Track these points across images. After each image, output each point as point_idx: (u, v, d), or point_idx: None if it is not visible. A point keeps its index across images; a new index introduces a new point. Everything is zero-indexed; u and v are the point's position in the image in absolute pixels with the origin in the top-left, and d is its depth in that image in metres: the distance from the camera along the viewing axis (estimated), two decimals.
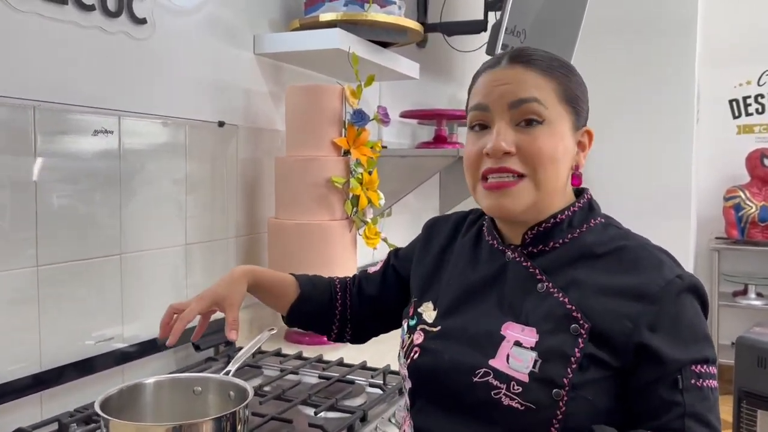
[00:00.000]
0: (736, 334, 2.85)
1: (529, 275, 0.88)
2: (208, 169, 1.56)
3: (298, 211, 1.60)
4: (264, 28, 1.75)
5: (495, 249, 0.93)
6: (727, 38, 4.06)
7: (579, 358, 0.79)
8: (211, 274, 1.58)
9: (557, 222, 0.89)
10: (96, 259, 1.27)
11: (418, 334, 0.92)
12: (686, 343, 0.80)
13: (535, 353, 0.81)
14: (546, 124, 0.85)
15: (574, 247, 0.88)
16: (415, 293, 1.00)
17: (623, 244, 0.86)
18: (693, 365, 0.79)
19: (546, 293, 0.85)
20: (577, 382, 0.79)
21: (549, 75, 0.87)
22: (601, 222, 0.91)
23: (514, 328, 0.84)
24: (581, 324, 0.81)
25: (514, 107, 0.85)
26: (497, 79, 0.87)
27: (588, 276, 0.84)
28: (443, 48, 2.73)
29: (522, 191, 0.85)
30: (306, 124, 1.62)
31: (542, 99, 0.85)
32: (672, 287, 0.81)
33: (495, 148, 0.84)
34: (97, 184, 1.27)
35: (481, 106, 0.88)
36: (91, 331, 1.27)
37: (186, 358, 1.51)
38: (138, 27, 1.34)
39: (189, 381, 0.98)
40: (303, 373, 1.39)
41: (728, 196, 3.98)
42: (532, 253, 0.89)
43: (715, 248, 3.94)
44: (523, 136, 0.85)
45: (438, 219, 1.09)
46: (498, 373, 0.81)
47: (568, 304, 0.82)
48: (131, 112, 1.34)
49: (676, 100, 3.61)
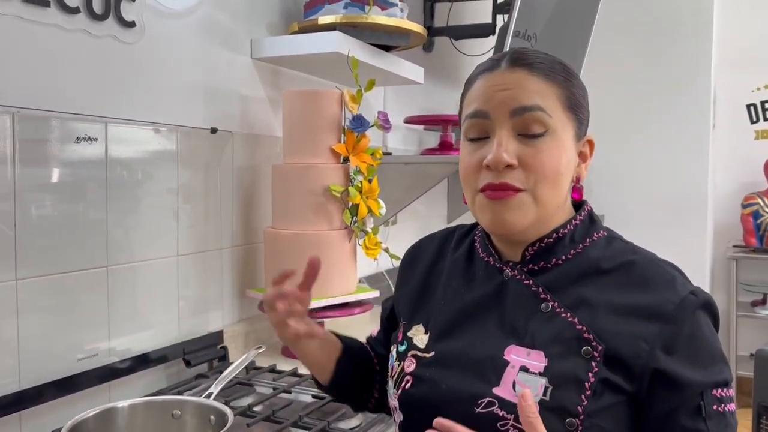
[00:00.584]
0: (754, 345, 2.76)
1: (531, 294, 0.81)
2: (202, 177, 1.51)
3: (295, 220, 1.54)
4: (262, 31, 1.70)
5: (491, 266, 0.86)
6: (744, 41, 3.96)
7: (593, 383, 0.73)
8: (204, 285, 1.53)
9: (560, 237, 0.82)
10: (80, 272, 1.22)
11: (409, 361, 0.84)
12: (705, 364, 0.74)
13: (544, 379, 0.74)
14: (550, 134, 0.79)
15: (578, 263, 0.81)
16: (403, 316, 0.93)
17: (631, 259, 0.80)
18: (714, 389, 0.74)
19: (552, 313, 0.78)
20: (591, 409, 0.72)
21: (552, 80, 0.80)
22: (603, 236, 0.85)
23: (518, 352, 0.77)
24: (594, 346, 0.74)
25: (517, 115, 0.78)
26: (497, 84, 0.80)
27: (597, 294, 0.78)
28: (450, 52, 2.67)
29: (522, 205, 0.79)
30: (303, 130, 1.56)
31: (546, 107, 0.79)
32: (687, 305, 0.75)
33: (496, 160, 0.77)
34: (81, 193, 1.21)
35: (481, 113, 0.80)
36: (74, 348, 1.22)
37: (178, 374, 1.45)
38: (126, 30, 1.29)
39: (166, 404, 0.92)
40: (297, 391, 1.33)
41: (746, 203, 3.87)
42: (533, 270, 0.83)
43: (732, 257, 3.84)
44: (525, 147, 0.78)
45: (420, 240, 1.02)
46: (504, 403, 0.74)
47: (579, 325, 0.76)
48: (119, 118, 1.29)
49: (691, 105, 3.53)
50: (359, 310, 1.59)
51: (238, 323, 1.62)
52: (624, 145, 3.68)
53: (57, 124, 1.16)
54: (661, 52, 3.58)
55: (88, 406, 1.20)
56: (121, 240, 1.30)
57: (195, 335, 1.48)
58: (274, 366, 1.46)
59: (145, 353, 1.36)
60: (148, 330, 1.38)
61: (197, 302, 1.51)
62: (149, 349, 1.37)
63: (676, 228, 3.51)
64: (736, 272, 3.83)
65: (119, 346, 1.31)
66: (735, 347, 3.77)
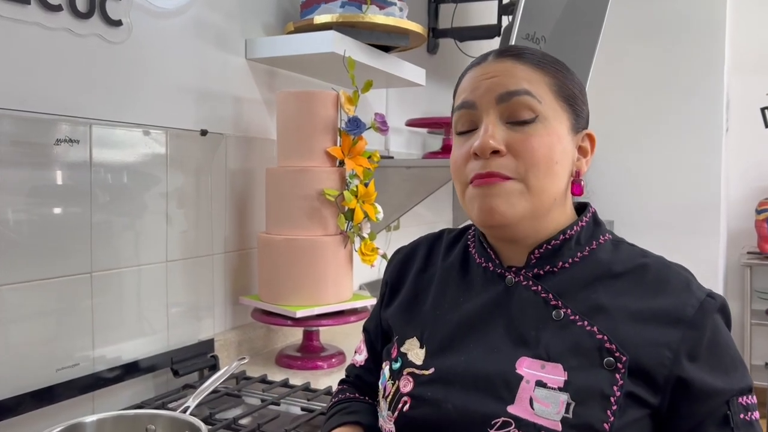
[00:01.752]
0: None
1: (541, 301, 0.75)
2: (193, 180, 1.47)
3: (289, 225, 1.50)
4: (257, 31, 1.65)
5: (491, 272, 0.81)
6: (757, 44, 3.88)
7: (619, 398, 0.67)
8: (195, 292, 1.48)
9: (566, 239, 0.77)
10: (61, 279, 1.18)
11: (406, 380, 0.78)
12: (728, 371, 0.70)
13: (566, 395, 0.68)
14: (540, 121, 0.74)
15: (586, 267, 0.76)
16: (395, 329, 0.86)
17: (643, 262, 0.75)
18: (739, 397, 0.69)
19: (566, 321, 0.73)
20: (618, 426, 0.67)
21: (541, 68, 0.77)
22: (609, 239, 0.80)
23: (531, 365, 0.71)
24: (618, 357, 0.69)
25: (504, 101, 0.75)
26: (484, 73, 0.77)
27: (612, 300, 0.73)
28: (455, 54, 2.62)
29: (512, 193, 0.74)
30: (298, 132, 1.52)
31: (535, 92, 0.75)
32: (707, 308, 0.71)
33: (482, 145, 0.73)
34: (62, 197, 1.17)
35: (467, 103, 0.77)
36: (55, 357, 1.17)
37: (166, 384, 1.40)
38: (112, 29, 1.25)
39: (138, 418, 0.87)
40: (286, 402, 1.28)
41: (761, 209, 3.78)
42: (539, 275, 0.77)
43: (746, 264, 3.74)
44: (514, 133, 0.74)
45: (401, 248, 0.96)
46: (521, 423, 0.68)
47: (599, 334, 0.70)
48: (104, 120, 1.25)
49: (703, 109, 3.46)
50: (355, 318, 1.54)
51: (231, 331, 1.58)
52: (635, 149, 3.62)
53: (37, 125, 1.12)
54: (673, 55, 3.51)
55: (68, 417, 1.16)
56: (106, 245, 1.26)
57: (184, 344, 1.43)
58: (265, 376, 1.42)
59: (132, 362, 1.31)
60: (135, 339, 1.34)
61: (187, 310, 1.46)
62: (136, 358, 1.32)
63: (688, 234, 3.44)
64: (750, 279, 3.74)
65: (104, 356, 1.26)
66: (749, 356, 3.68)
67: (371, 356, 0.95)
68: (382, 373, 0.84)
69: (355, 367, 0.97)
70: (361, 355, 0.97)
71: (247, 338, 1.60)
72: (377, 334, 0.94)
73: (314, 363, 1.55)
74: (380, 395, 0.82)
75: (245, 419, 1.19)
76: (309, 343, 1.61)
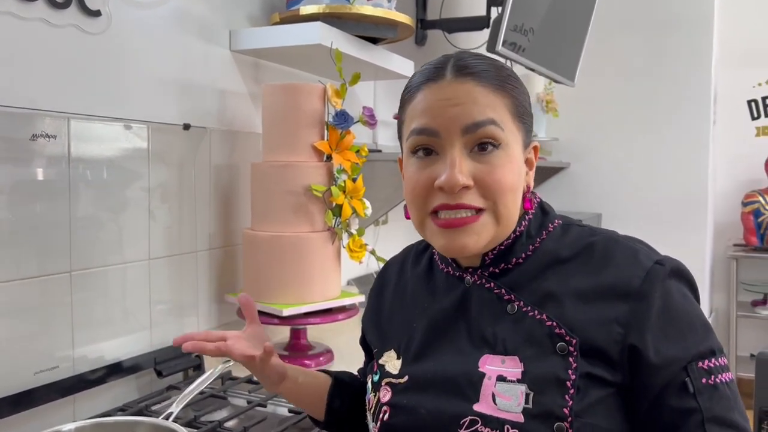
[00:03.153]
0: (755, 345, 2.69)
1: (495, 297, 0.76)
2: (176, 176, 1.43)
3: (275, 221, 1.46)
4: (242, 22, 1.61)
5: (451, 276, 0.82)
6: (745, 36, 3.88)
7: (575, 381, 0.67)
8: (178, 290, 1.45)
9: (517, 236, 0.78)
10: (40, 278, 1.14)
11: (384, 391, 0.79)
12: (684, 336, 0.69)
13: (524, 386, 0.69)
14: (502, 148, 0.73)
15: (537, 258, 0.77)
16: (374, 345, 0.88)
17: (590, 241, 0.76)
18: (699, 361, 0.68)
19: (519, 314, 0.74)
20: (578, 409, 0.67)
21: (501, 90, 0.74)
22: (559, 224, 0.80)
23: (493, 362, 0.72)
24: (568, 341, 0.69)
25: (469, 132, 0.73)
26: (446, 99, 0.74)
27: (561, 285, 0.73)
28: (443, 46, 2.58)
29: (483, 227, 0.73)
30: (283, 126, 1.48)
31: (498, 120, 0.73)
32: (654, 276, 0.70)
33: (451, 182, 0.71)
34: (39, 194, 1.13)
35: (429, 130, 0.74)
36: (33, 360, 1.13)
37: (150, 385, 1.37)
38: (90, 20, 1.21)
39: (118, 426, 0.84)
40: (273, 404, 1.25)
41: (747, 201, 3.80)
42: (494, 273, 0.78)
43: (733, 256, 3.77)
44: (479, 165, 0.73)
45: (388, 262, 0.97)
46: (487, 419, 0.69)
47: (548, 321, 0.71)
48: (82, 114, 1.20)
49: (691, 101, 3.46)
50: (343, 316, 1.51)
51: (215, 330, 1.54)
52: (623, 142, 3.62)
53: (12, 120, 1.08)
54: (661, 49, 3.51)
55: (48, 421, 1.13)
56: (85, 243, 1.22)
57: (168, 343, 1.40)
58: (251, 377, 1.38)
59: (114, 363, 1.28)
60: (117, 339, 1.30)
61: (171, 308, 1.43)
62: (118, 359, 1.29)
63: (675, 226, 3.44)
64: (737, 271, 3.76)
65: (85, 357, 1.23)
66: (735, 347, 3.71)
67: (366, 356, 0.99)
68: (366, 388, 0.86)
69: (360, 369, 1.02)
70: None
71: None
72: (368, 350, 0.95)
73: (302, 362, 1.52)
74: (366, 408, 0.84)
75: (231, 422, 1.16)
76: (296, 342, 1.58)
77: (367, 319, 0.93)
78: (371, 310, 0.93)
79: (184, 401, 0.92)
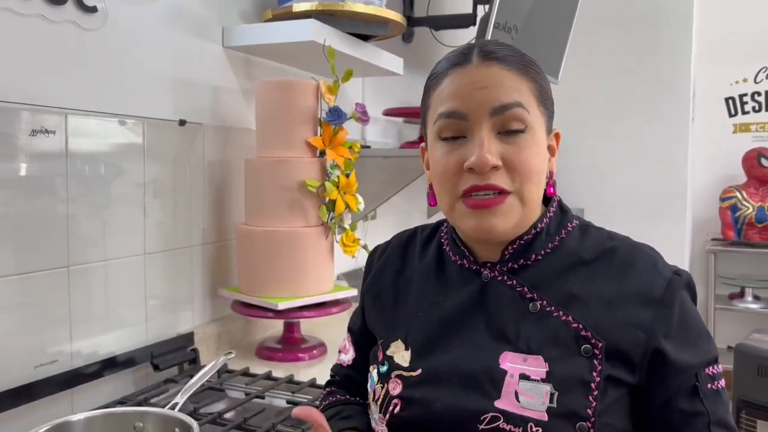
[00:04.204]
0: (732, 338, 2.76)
1: (516, 295, 0.77)
2: (171, 171, 1.44)
3: (269, 217, 1.48)
4: (234, 19, 1.62)
5: (466, 269, 0.82)
6: (724, 35, 3.96)
7: (599, 383, 0.70)
8: (173, 285, 1.46)
9: (538, 232, 0.79)
10: (38, 273, 1.14)
11: (394, 383, 0.78)
12: (696, 344, 0.73)
13: (549, 386, 0.70)
14: (529, 131, 0.76)
15: (558, 257, 0.78)
16: (378, 334, 0.87)
17: (611, 246, 0.78)
18: (706, 368, 0.72)
19: (542, 313, 0.75)
20: (600, 409, 0.69)
21: (526, 75, 0.77)
22: (576, 225, 0.82)
23: (514, 359, 0.73)
24: (594, 344, 0.71)
25: (497, 113, 0.74)
26: (474, 82, 0.75)
27: (584, 287, 0.75)
28: (430, 43, 2.61)
29: (510, 208, 0.75)
30: (277, 122, 1.50)
31: (525, 103, 0.75)
32: (674, 286, 0.74)
33: (481, 162, 0.73)
34: (38, 190, 1.14)
35: (458, 113, 0.76)
36: (32, 354, 1.14)
37: (146, 378, 1.38)
38: (87, 16, 1.22)
39: (127, 416, 0.85)
40: (271, 395, 1.27)
41: (724, 197, 3.88)
42: (513, 269, 0.79)
43: (711, 250, 3.85)
44: (507, 146, 0.75)
45: (377, 247, 0.97)
46: (509, 416, 0.70)
47: (574, 323, 0.73)
48: (80, 110, 1.21)
49: (671, 98, 3.53)
50: (337, 309, 1.54)
51: (210, 324, 1.56)
52: (603, 138, 3.67)
53: (10, 116, 1.09)
54: (641, 46, 3.57)
55: (47, 414, 1.13)
56: (83, 238, 1.23)
57: (164, 337, 1.41)
58: (247, 369, 1.40)
59: (111, 357, 1.28)
60: (114, 333, 1.31)
61: (166, 303, 1.44)
62: (115, 353, 1.30)
63: (655, 221, 3.51)
64: (714, 265, 3.84)
65: (82, 351, 1.23)
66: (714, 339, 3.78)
67: (359, 356, 0.95)
68: (369, 377, 0.85)
69: (343, 367, 0.98)
70: (347, 354, 0.97)
71: (226, 331, 1.58)
72: (363, 335, 0.93)
73: (296, 355, 1.54)
74: (370, 398, 0.83)
75: (230, 413, 1.17)
76: (290, 335, 1.60)
77: (368, 302, 0.91)
78: (370, 293, 0.91)
79: (189, 392, 0.93)
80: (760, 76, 4.00)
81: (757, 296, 3.87)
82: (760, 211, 3.78)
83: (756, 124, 4.03)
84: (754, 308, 3.81)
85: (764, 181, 3.80)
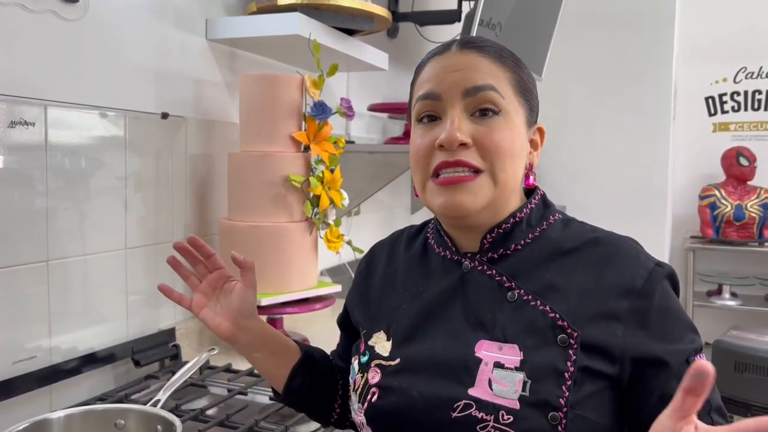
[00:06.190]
0: (710, 334, 2.79)
1: (495, 284, 0.77)
2: (152, 165, 1.42)
3: (252, 211, 1.47)
4: (218, 11, 1.60)
5: (448, 260, 0.82)
6: (705, 35, 4.00)
7: (573, 373, 0.70)
8: (155, 279, 1.43)
9: (517, 222, 0.79)
10: (15, 268, 1.12)
11: (374, 372, 0.79)
12: (680, 335, 0.73)
13: (522, 374, 0.70)
14: (502, 116, 0.76)
15: (538, 247, 0.79)
16: (362, 325, 0.87)
17: (594, 237, 0.78)
18: (695, 356, 0.72)
19: (520, 302, 0.75)
20: (573, 400, 0.69)
21: (502, 63, 0.79)
22: (559, 218, 0.82)
23: (489, 347, 0.73)
24: (570, 333, 0.71)
25: (470, 95, 0.76)
26: (449, 65, 0.78)
27: (563, 277, 0.75)
28: (415, 38, 2.60)
29: (481, 187, 0.75)
30: (261, 116, 1.48)
31: (498, 87, 0.77)
32: (655, 277, 0.74)
33: (450, 138, 0.74)
34: (17, 182, 1.12)
35: (432, 94, 0.78)
36: (10, 349, 1.12)
37: (126, 374, 1.36)
38: (68, 5, 1.19)
39: (108, 413, 0.84)
40: (254, 392, 1.26)
41: (703, 195, 3.93)
42: (493, 258, 0.79)
43: (690, 247, 3.89)
44: (479, 126, 0.76)
45: (375, 245, 0.97)
46: (482, 404, 0.70)
47: (551, 313, 0.73)
48: (60, 101, 1.19)
49: (653, 97, 3.55)
50: (320, 305, 1.53)
51: (192, 320, 1.54)
52: (585, 136, 3.69)
53: None
54: (623, 45, 3.59)
55: (26, 412, 1.12)
56: (62, 232, 1.21)
57: (145, 333, 1.39)
58: (230, 365, 1.39)
59: (91, 353, 1.27)
60: (94, 328, 1.29)
61: (147, 298, 1.42)
62: (95, 349, 1.28)
63: (635, 219, 3.53)
64: (693, 263, 3.88)
65: (61, 347, 1.21)
66: None
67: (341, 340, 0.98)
68: (351, 368, 0.85)
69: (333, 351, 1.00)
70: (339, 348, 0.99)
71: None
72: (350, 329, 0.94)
73: None
74: (351, 389, 0.83)
75: (212, 410, 1.16)
76: None
77: (353, 300, 0.92)
78: (357, 291, 0.92)
79: (171, 389, 0.92)
80: (740, 76, 4.05)
81: (734, 293, 3.92)
82: (738, 209, 3.83)
83: (735, 123, 4.08)
84: (731, 305, 3.87)
85: (743, 180, 3.85)
